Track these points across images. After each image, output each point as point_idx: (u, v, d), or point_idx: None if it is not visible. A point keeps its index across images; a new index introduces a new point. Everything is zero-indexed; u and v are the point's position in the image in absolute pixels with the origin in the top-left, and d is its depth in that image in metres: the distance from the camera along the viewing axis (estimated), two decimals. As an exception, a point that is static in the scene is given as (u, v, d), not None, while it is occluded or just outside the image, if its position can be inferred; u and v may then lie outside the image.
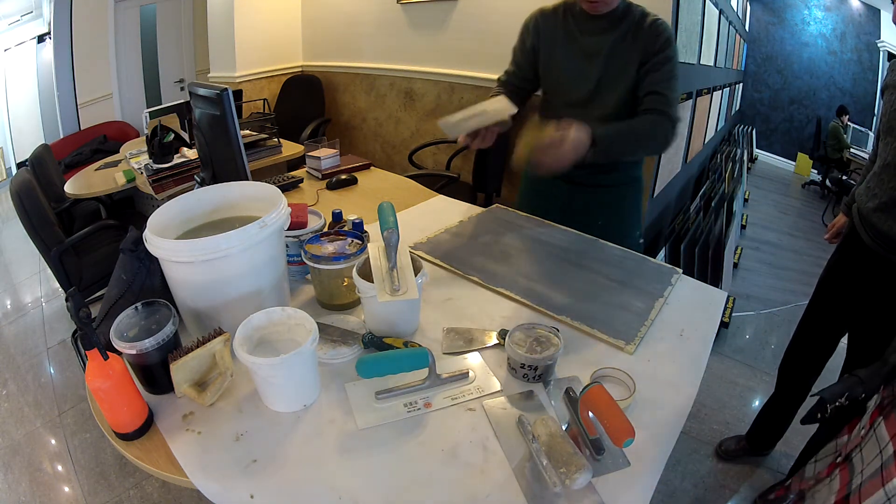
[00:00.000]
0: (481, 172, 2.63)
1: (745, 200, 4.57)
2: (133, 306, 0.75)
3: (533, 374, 0.78)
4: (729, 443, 1.72)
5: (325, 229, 1.04)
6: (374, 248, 0.88)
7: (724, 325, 2.35)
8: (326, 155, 1.75)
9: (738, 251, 3.34)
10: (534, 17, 1.32)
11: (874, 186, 1.26)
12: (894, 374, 0.84)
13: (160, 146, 2.09)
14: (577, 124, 1.02)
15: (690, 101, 2.77)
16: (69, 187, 2.21)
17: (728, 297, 2.18)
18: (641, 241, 1.38)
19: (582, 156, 1.03)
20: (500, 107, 1.15)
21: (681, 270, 1.09)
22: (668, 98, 1.18)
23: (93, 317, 0.64)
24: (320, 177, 1.72)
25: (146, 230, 0.78)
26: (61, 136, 4.38)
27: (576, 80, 1.27)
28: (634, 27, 1.19)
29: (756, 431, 1.70)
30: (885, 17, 3.81)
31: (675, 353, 0.86)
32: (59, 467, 1.71)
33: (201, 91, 1.18)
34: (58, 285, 2.38)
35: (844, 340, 1.42)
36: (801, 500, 0.94)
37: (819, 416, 0.91)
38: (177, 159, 2.12)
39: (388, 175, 1.79)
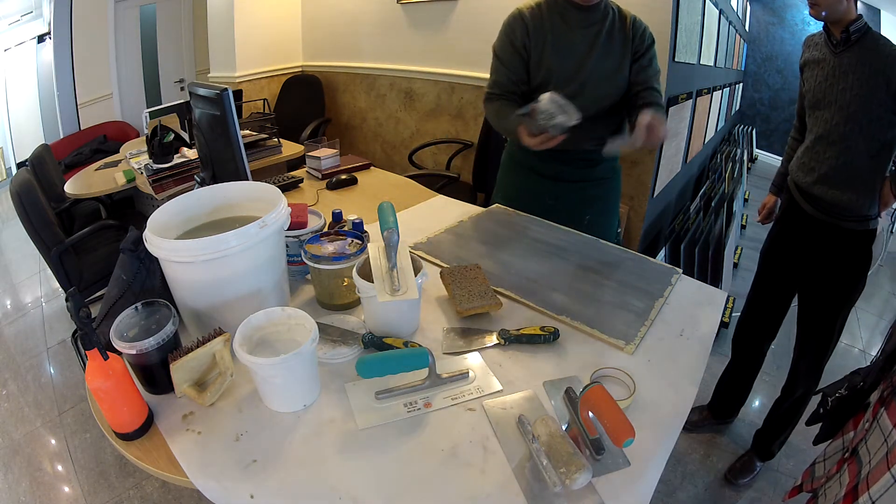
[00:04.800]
0: (481, 172, 2.63)
1: (745, 200, 4.57)
2: (133, 306, 0.75)
3: None
4: (692, 414, 1.76)
5: (325, 229, 1.04)
6: (374, 248, 0.88)
7: (724, 325, 2.35)
8: (326, 155, 1.75)
9: (738, 251, 3.34)
10: (516, 17, 1.28)
11: (809, 161, 1.35)
12: (890, 362, 0.84)
13: (160, 146, 2.09)
14: (647, 112, 1.10)
15: (690, 101, 2.77)
16: (69, 187, 2.21)
17: (728, 297, 2.18)
18: (620, 230, 1.41)
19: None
20: None
21: (681, 270, 1.09)
22: (661, 93, 1.30)
23: (93, 317, 0.64)
24: (320, 177, 1.72)
25: (146, 230, 0.78)
26: (61, 136, 4.38)
27: (565, 74, 1.27)
28: (619, 23, 1.26)
29: (717, 401, 1.80)
30: (886, 16, 3.82)
31: (675, 353, 0.86)
32: (59, 467, 1.71)
33: (201, 91, 1.18)
34: (58, 285, 2.38)
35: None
36: (814, 499, 0.94)
37: (821, 410, 0.92)
38: (177, 159, 2.12)
39: (388, 175, 1.79)
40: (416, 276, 0.84)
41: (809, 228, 1.37)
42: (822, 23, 1.26)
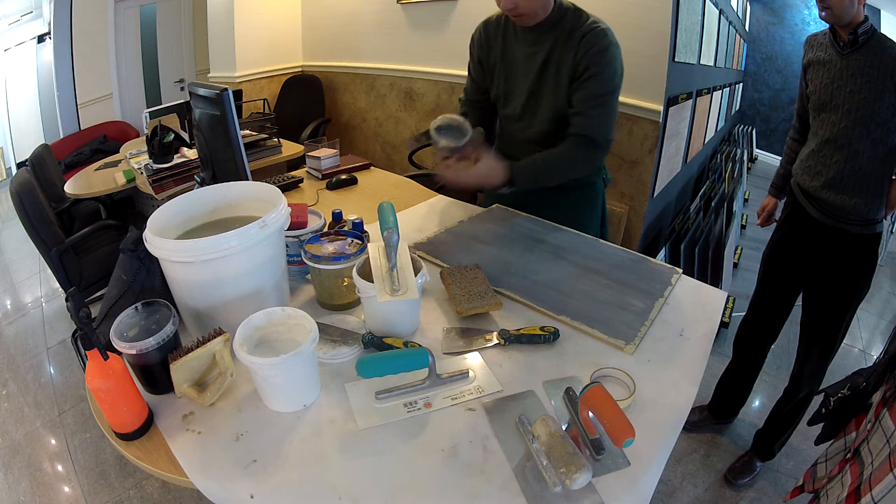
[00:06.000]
0: (481, 172, 2.63)
1: (745, 200, 4.57)
2: (133, 306, 0.75)
3: None
4: (692, 414, 1.76)
5: (325, 229, 1.04)
6: (374, 248, 0.88)
7: (724, 325, 2.35)
8: (326, 155, 1.75)
9: (738, 251, 3.34)
10: (478, 29, 1.30)
11: (815, 164, 1.33)
12: (893, 363, 0.84)
13: (160, 146, 2.10)
14: (497, 157, 1.07)
15: (690, 101, 2.77)
16: (69, 187, 2.21)
17: (728, 297, 2.18)
18: None
19: (493, 186, 1.08)
20: None
21: (681, 270, 1.09)
22: (591, 122, 1.14)
23: (93, 317, 0.64)
24: (320, 177, 1.72)
25: (146, 230, 0.78)
26: (61, 136, 4.37)
27: (511, 92, 1.25)
28: (567, 37, 1.12)
29: (718, 401, 1.80)
30: (885, 16, 3.82)
31: (675, 353, 0.86)
32: (59, 467, 1.71)
33: (201, 91, 1.18)
34: (58, 285, 2.38)
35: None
36: (815, 499, 0.94)
37: (823, 410, 0.92)
38: (177, 159, 2.12)
39: (388, 175, 1.79)
40: (416, 276, 0.84)
41: (815, 232, 1.36)
42: (827, 23, 1.25)
